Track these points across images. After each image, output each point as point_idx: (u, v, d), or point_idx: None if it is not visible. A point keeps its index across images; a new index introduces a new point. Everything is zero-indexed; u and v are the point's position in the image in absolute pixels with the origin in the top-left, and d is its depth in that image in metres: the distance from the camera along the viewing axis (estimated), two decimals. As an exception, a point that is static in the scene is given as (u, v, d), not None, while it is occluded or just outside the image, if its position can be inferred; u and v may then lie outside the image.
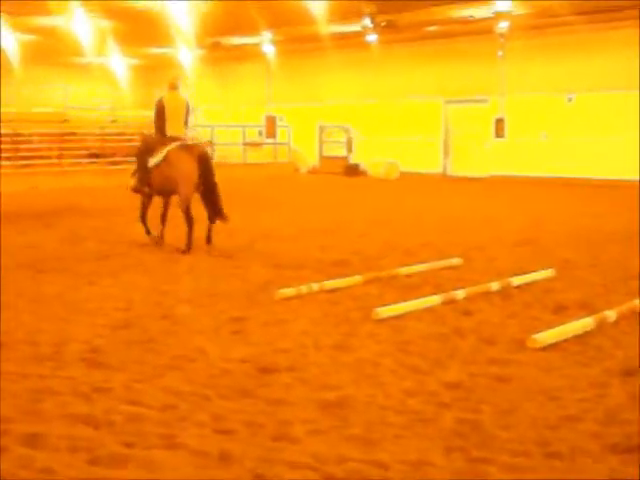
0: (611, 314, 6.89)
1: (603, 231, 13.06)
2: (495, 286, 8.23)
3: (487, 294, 8.01)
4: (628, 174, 23.36)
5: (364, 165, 29.89)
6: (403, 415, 4.64)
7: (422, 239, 12.07)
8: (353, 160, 30.53)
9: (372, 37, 26.38)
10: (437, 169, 28.59)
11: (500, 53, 25.79)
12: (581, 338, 6.35)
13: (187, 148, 11.43)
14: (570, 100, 25.45)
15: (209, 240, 11.11)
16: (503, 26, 24.54)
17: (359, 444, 4.21)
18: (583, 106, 25.11)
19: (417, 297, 7.69)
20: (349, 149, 30.75)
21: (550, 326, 6.52)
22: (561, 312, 7.30)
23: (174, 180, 11.14)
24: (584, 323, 6.62)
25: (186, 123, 11.91)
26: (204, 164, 11.22)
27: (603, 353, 5.99)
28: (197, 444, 4.17)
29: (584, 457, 4.04)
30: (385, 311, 7.05)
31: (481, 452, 4.09)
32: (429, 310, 7.31)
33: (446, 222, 14.53)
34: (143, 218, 11.68)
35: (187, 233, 10.89)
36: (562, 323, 6.63)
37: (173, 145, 11.34)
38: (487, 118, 26.71)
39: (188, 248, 10.78)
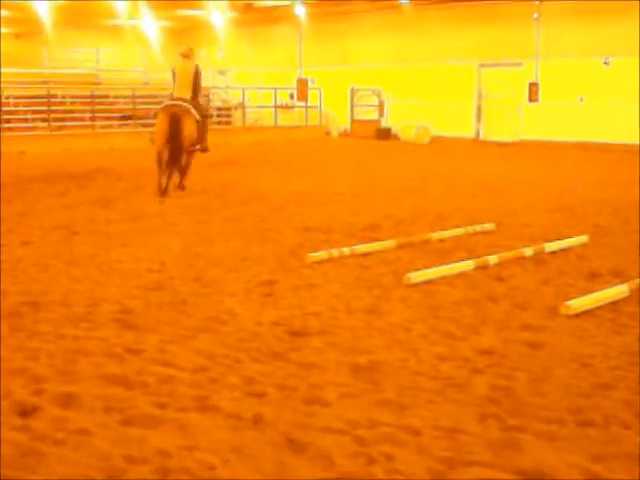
0: (645, 281, 6.82)
1: (637, 197, 12.87)
2: (528, 252, 8.16)
3: (520, 260, 7.94)
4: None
5: (395, 129, 29.68)
6: (436, 380, 4.62)
7: (454, 204, 11.98)
8: (385, 124, 30.32)
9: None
10: (469, 133, 28.31)
11: (535, 15, 25.37)
12: (614, 305, 6.29)
13: (166, 108, 12.78)
14: (607, 64, 25.02)
15: (164, 191, 12.26)
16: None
17: (391, 409, 4.20)
18: (620, 70, 24.67)
19: (449, 262, 7.64)
20: (381, 113, 30.52)
21: (583, 293, 6.47)
22: (594, 279, 7.23)
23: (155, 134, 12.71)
24: (618, 290, 6.55)
25: (195, 88, 13.03)
26: (173, 125, 12.39)
27: (636, 321, 5.92)
28: (230, 407, 4.19)
29: (618, 426, 4.01)
30: (417, 276, 7.01)
31: (515, 419, 4.06)
32: (461, 275, 7.27)
33: (478, 187, 14.40)
34: (157, 168, 12.63)
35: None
36: (595, 290, 6.57)
37: (162, 104, 13.07)
38: (521, 82, 26.35)
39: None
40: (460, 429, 3.96)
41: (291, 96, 30.59)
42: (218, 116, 30.01)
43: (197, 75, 13.09)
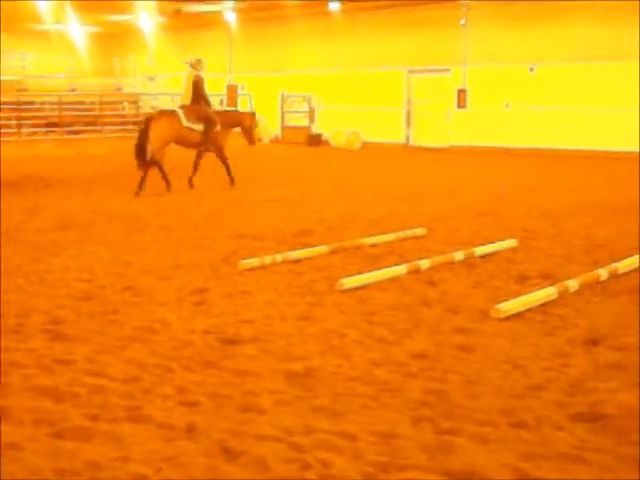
0: (573, 284, 6.94)
1: (564, 201, 13.14)
2: (459, 256, 8.25)
3: (451, 264, 8.03)
4: (589, 144, 23.56)
5: (326, 135, 29.77)
6: (370, 385, 4.63)
7: (385, 209, 12.07)
8: (315, 130, 30.40)
9: (335, 5, 26.19)
10: (399, 139, 28.57)
11: (463, 22, 25.74)
12: (544, 307, 6.39)
13: (149, 116, 14.47)
14: (532, 70, 25.50)
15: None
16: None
17: (326, 415, 4.20)
18: (544, 76, 25.18)
19: (382, 267, 7.68)
20: (311, 119, 30.59)
21: (513, 296, 6.56)
22: (524, 282, 7.34)
23: None
24: (547, 292, 6.66)
25: (194, 96, 14.52)
26: (143, 131, 14.03)
27: (566, 322, 6.03)
28: (162, 417, 4.14)
29: (550, 426, 4.06)
30: (350, 281, 7.03)
31: (448, 422, 4.09)
32: (394, 280, 7.31)
33: (409, 192, 14.53)
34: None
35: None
36: (525, 293, 6.66)
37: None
38: (450, 88, 26.72)
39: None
40: (395, 433, 3.97)
41: (221, 102, 30.45)
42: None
43: (195, 84, 14.54)
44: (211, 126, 14.64)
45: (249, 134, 15.75)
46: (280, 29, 29.98)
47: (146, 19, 30.38)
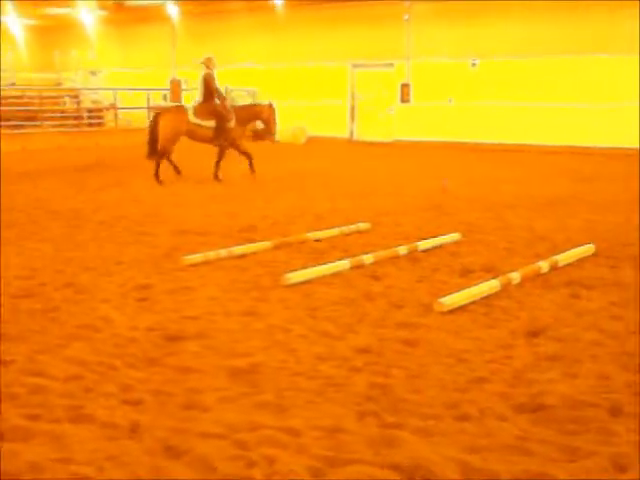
0: (515, 276, 7.02)
1: (507, 195, 13.28)
2: (403, 250, 8.29)
3: (395, 258, 8.06)
4: (531, 138, 23.87)
5: (270, 130, 29.64)
6: (315, 380, 4.63)
7: (330, 204, 12.07)
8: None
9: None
10: (344, 134, 28.60)
11: (406, 17, 25.87)
12: (487, 300, 6.45)
13: (157, 111, 15.89)
14: (474, 65, 25.72)
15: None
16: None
17: (271, 411, 4.18)
18: (486, 71, 25.42)
19: (326, 262, 7.68)
20: (256, 113, 30.44)
21: (457, 289, 6.60)
22: (467, 275, 7.40)
23: None
24: (489, 285, 6.72)
25: (207, 93, 15.14)
26: (153, 126, 14.98)
27: (509, 315, 6.10)
28: (105, 416, 4.08)
29: (493, 418, 4.10)
30: (294, 276, 7.02)
31: (393, 416, 4.11)
32: (338, 275, 7.32)
33: (353, 187, 14.55)
34: None
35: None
36: (468, 286, 6.71)
37: None
38: (393, 83, 26.83)
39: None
40: (340, 428, 3.97)
41: (164, 97, 30.21)
42: (89, 117, 29.36)
43: (205, 81, 15.16)
44: (222, 122, 15.11)
45: (268, 126, 16.03)
46: (224, 23, 29.78)
47: (87, 12, 29.94)
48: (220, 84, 15.77)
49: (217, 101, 15.25)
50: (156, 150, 14.90)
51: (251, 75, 30.17)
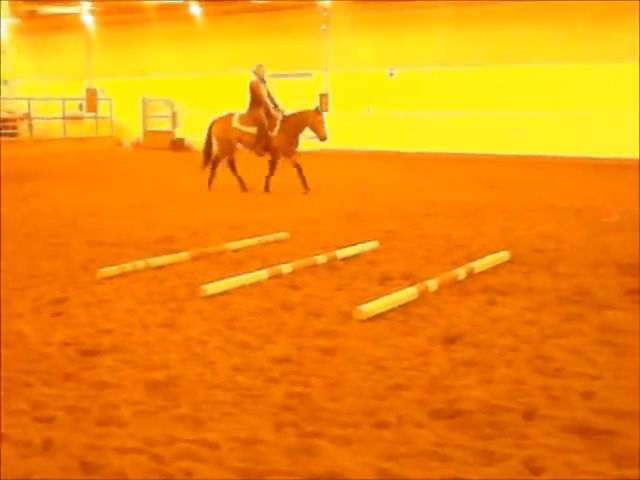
0: (433, 283, 7.09)
1: (425, 203, 13.44)
2: (321, 259, 8.30)
3: (314, 267, 8.07)
4: (448, 147, 24.24)
5: (190, 140, 29.49)
6: (232, 392, 4.59)
7: (249, 214, 12.04)
8: (179, 134, 30.07)
9: (196, 9, 25.98)
10: (264, 143, 28.52)
11: (324, 27, 26.01)
12: (405, 308, 6.50)
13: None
14: (391, 75, 26.00)
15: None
16: (327, 1, 24.75)
17: (188, 424, 4.13)
18: (403, 81, 25.73)
19: (244, 272, 7.64)
20: (174, 123, 30.24)
21: (375, 297, 6.63)
22: (386, 283, 7.44)
23: None
24: (407, 293, 6.77)
25: (253, 101, 15.56)
26: (208, 134, 16.01)
27: (426, 322, 6.15)
28: (17, 434, 3.97)
29: (411, 425, 4.12)
30: (212, 287, 6.96)
31: (311, 426, 4.10)
32: (256, 285, 7.29)
33: (272, 196, 14.55)
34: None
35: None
36: (387, 294, 6.75)
37: None
38: (312, 92, 26.92)
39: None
40: (258, 439, 3.94)
41: (80, 107, 29.78)
42: (4, 128, 28.73)
43: (251, 89, 15.59)
44: (262, 130, 15.36)
45: (317, 131, 15.58)
46: (141, 33, 29.55)
47: (-1, 20, 29.34)
48: (139, 94, 15.65)
49: (262, 109, 15.36)
50: (210, 159, 15.78)
51: (171, 85, 29.94)
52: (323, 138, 15.58)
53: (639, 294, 6.92)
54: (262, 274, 7.55)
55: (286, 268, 7.81)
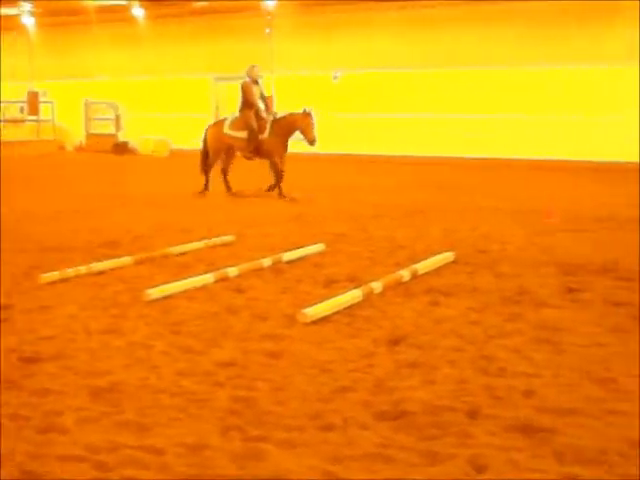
0: (377, 285, 7.13)
1: (371, 205, 13.50)
2: (267, 262, 8.29)
3: (259, 270, 8.06)
4: (393, 150, 24.40)
5: (133, 142, 29.26)
6: (177, 397, 4.56)
7: (194, 218, 11.98)
8: (122, 137, 29.80)
9: (138, 11, 25.79)
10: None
11: (268, 30, 26.01)
12: (350, 310, 6.52)
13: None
14: (335, 78, 26.08)
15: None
16: (271, 3, 24.74)
17: (132, 430, 4.10)
18: (347, 84, 25.82)
19: (189, 276, 7.60)
20: (117, 126, 29.96)
21: (320, 300, 6.64)
22: (331, 285, 7.46)
23: None
24: (352, 295, 6.79)
25: (244, 104, 15.25)
26: (204, 140, 15.67)
27: (371, 324, 6.18)
28: (-45, 444, 3.90)
29: (356, 427, 4.14)
30: (156, 292, 6.91)
31: (257, 430, 4.09)
32: (201, 289, 7.25)
33: (218, 199, 14.50)
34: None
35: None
36: (332, 296, 6.76)
37: None
38: (257, 95, 26.88)
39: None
40: (203, 444, 3.93)
41: (21, 110, 29.35)
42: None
43: (241, 91, 15.30)
44: (252, 133, 15.01)
45: (306, 134, 15.20)
46: (83, 35, 29.22)
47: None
48: (82, 97, 15.40)
49: (252, 111, 15.05)
50: (205, 163, 15.45)
51: (114, 87, 29.67)
52: (312, 141, 15.22)
53: (577, 293, 7.06)
54: (208, 278, 7.52)
55: (232, 271, 7.79)
